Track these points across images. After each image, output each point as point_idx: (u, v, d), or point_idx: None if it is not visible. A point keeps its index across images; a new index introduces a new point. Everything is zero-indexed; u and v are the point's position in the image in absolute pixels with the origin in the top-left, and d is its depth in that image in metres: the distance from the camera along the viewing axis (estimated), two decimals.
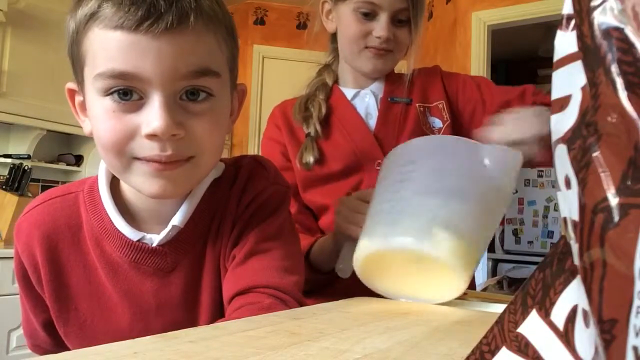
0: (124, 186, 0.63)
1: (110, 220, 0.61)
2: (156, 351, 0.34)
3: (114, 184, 0.63)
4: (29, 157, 2.82)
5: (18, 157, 2.78)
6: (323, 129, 0.99)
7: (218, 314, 0.61)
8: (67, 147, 3.16)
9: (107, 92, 0.53)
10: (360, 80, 1.03)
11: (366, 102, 1.02)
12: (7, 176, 2.72)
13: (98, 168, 0.64)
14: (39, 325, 0.65)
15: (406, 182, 0.62)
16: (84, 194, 0.63)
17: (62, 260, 0.62)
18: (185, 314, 0.62)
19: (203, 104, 0.55)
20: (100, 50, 0.52)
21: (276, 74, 3.62)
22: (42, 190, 3.05)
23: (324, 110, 1.00)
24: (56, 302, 0.62)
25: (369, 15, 0.94)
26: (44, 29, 2.76)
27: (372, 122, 1.00)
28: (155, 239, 0.61)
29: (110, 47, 0.51)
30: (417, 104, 1.00)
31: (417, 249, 0.57)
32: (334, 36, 1.04)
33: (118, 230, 0.60)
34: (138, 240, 0.60)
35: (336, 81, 1.05)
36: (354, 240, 0.70)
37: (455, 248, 0.57)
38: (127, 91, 0.52)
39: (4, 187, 2.70)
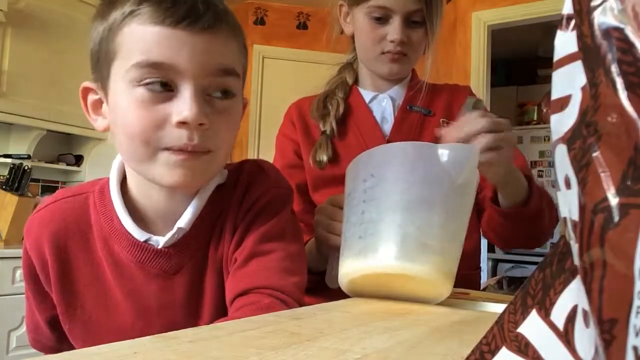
0: (133, 188, 0.64)
1: (119, 220, 0.62)
2: (156, 351, 0.34)
3: (124, 186, 0.65)
4: (29, 157, 2.82)
5: (18, 157, 2.78)
6: (339, 129, 0.99)
7: (220, 316, 0.62)
8: (67, 147, 3.16)
9: (140, 83, 0.55)
10: (379, 83, 1.02)
11: (383, 106, 1.01)
12: (7, 176, 2.72)
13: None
14: (43, 322, 0.67)
15: (371, 201, 0.63)
16: (94, 195, 0.65)
17: (70, 258, 0.63)
18: (187, 316, 0.63)
19: (225, 102, 0.59)
20: (138, 43, 0.55)
21: (276, 74, 3.62)
22: (42, 190, 3.06)
23: (341, 109, 0.99)
24: (63, 299, 0.63)
25: (382, 20, 0.93)
26: (44, 29, 2.76)
27: (387, 128, 0.99)
28: (161, 240, 0.62)
29: (148, 39, 0.55)
30: (441, 119, 0.99)
31: (395, 270, 0.59)
32: (353, 36, 1.03)
33: (126, 230, 0.62)
34: (145, 241, 0.62)
35: (356, 81, 1.05)
36: (336, 249, 0.72)
37: (431, 261, 0.59)
38: (160, 82, 0.55)
39: (4, 187, 2.70)
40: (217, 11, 0.57)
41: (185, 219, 0.62)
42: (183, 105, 0.55)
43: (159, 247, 0.62)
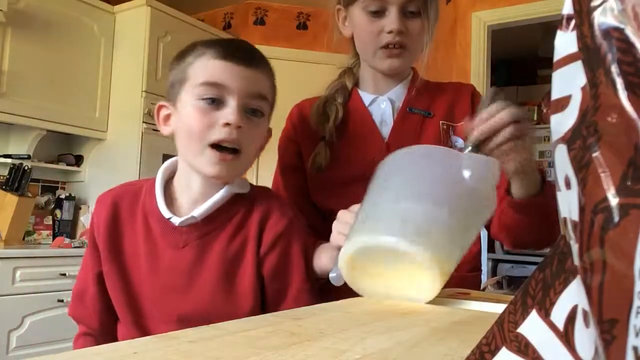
0: (180, 180, 0.88)
1: (156, 202, 0.85)
2: (156, 351, 0.34)
3: (169, 182, 0.89)
4: (29, 157, 2.81)
5: (18, 157, 2.78)
6: (338, 134, 0.99)
7: (213, 287, 0.82)
8: (67, 147, 3.16)
9: (202, 97, 0.80)
10: (381, 83, 1.02)
11: (382, 109, 1.01)
12: (7, 176, 2.72)
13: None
14: (92, 277, 0.87)
15: (384, 192, 0.66)
16: (147, 185, 0.89)
17: (118, 223, 0.86)
18: (187, 279, 0.82)
19: (255, 118, 0.84)
20: (205, 70, 0.81)
21: (276, 74, 3.62)
22: (42, 191, 3.06)
23: (340, 115, 1.00)
24: (108, 252, 0.85)
25: (378, 13, 0.93)
26: (44, 29, 2.76)
27: (386, 130, 0.99)
28: (177, 220, 0.83)
29: (212, 67, 0.81)
30: (440, 121, 0.99)
31: (392, 246, 0.61)
32: (354, 39, 1.03)
33: (158, 209, 0.85)
34: (168, 218, 0.84)
35: (357, 84, 1.05)
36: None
37: (429, 248, 0.60)
38: (214, 99, 0.80)
39: (4, 187, 2.70)
40: (260, 57, 0.87)
41: (200, 211, 0.83)
42: (229, 112, 0.80)
43: (176, 224, 0.83)
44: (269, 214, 0.86)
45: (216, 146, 0.80)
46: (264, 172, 3.49)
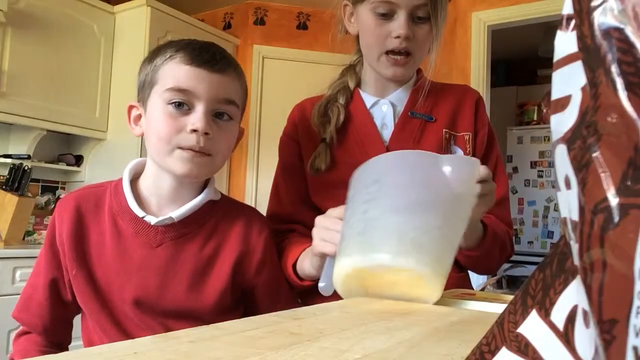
0: (148, 180, 0.88)
1: (127, 202, 0.86)
2: (156, 351, 0.34)
3: (134, 182, 0.89)
4: (29, 157, 2.81)
5: (18, 157, 2.78)
6: (339, 136, 0.98)
7: (186, 286, 0.84)
8: (67, 147, 3.16)
9: (170, 102, 0.81)
10: (382, 85, 1.01)
11: (383, 112, 1.00)
12: (7, 176, 2.72)
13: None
14: (43, 284, 0.85)
15: (373, 202, 0.66)
16: (111, 187, 0.89)
17: (83, 225, 0.85)
18: (159, 279, 0.83)
19: (224, 122, 0.85)
20: (172, 75, 0.82)
21: (276, 74, 3.62)
22: (42, 191, 3.06)
23: (342, 117, 0.99)
24: (73, 255, 0.83)
25: (387, 16, 0.91)
26: (44, 29, 2.76)
27: (387, 134, 0.98)
28: (153, 220, 0.84)
29: (180, 74, 0.82)
30: (444, 129, 0.98)
31: (390, 265, 0.62)
32: (358, 37, 1.02)
33: (130, 208, 0.85)
34: (142, 217, 0.84)
35: (358, 84, 1.04)
36: (330, 257, 0.75)
37: (425, 260, 0.61)
38: (181, 103, 0.81)
39: (4, 187, 2.70)
40: (228, 61, 0.86)
41: (178, 213, 0.85)
42: (196, 118, 0.81)
43: (152, 224, 0.84)
44: (251, 227, 0.90)
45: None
46: (264, 171, 3.49)
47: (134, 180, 0.90)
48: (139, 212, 0.84)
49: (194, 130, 0.80)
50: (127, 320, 0.83)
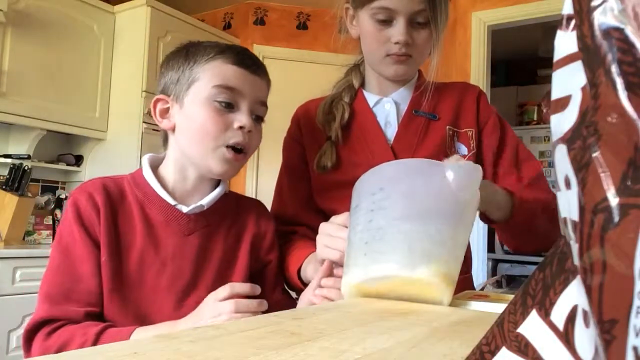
0: (170, 173, 0.90)
1: (154, 191, 0.88)
2: (156, 351, 0.34)
3: (156, 175, 0.90)
4: (29, 157, 2.81)
5: (18, 157, 2.78)
6: (343, 134, 0.99)
7: (219, 273, 0.87)
8: (67, 147, 3.15)
9: (216, 99, 0.85)
10: (384, 85, 1.02)
11: (386, 110, 1.01)
12: (7, 176, 2.72)
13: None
14: (91, 271, 0.80)
15: (379, 211, 0.66)
16: (127, 178, 0.90)
17: (115, 209, 0.85)
18: (193, 267, 0.86)
19: (258, 124, 0.91)
20: (219, 73, 0.86)
21: (276, 74, 3.58)
22: (42, 191, 3.05)
23: (346, 115, 0.99)
24: (108, 241, 0.82)
25: (386, 22, 0.92)
26: (44, 29, 2.76)
27: (391, 132, 0.99)
28: (184, 208, 0.88)
29: (228, 72, 0.86)
30: (447, 126, 0.99)
31: (401, 275, 0.62)
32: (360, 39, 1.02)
33: (160, 197, 0.87)
34: (174, 205, 0.87)
35: (362, 84, 1.04)
36: (339, 264, 0.76)
37: (433, 269, 0.62)
38: (227, 102, 0.86)
39: (4, 187, 2.70)
40: (263, 66, 0.93)
41: (207, 200, 0.89)
42: (242, 117, 0.86)
43: (184, 212, 0.87)
44: (261, 214, 0.97)
45: (231, 147, 0.86)
46: (264, 171, 3.49)
47: (155, 172, 0.91)
48: (171, 201, 0.87)
49: (241, 127, 0.85)
50: (153, 311, 0.81)
